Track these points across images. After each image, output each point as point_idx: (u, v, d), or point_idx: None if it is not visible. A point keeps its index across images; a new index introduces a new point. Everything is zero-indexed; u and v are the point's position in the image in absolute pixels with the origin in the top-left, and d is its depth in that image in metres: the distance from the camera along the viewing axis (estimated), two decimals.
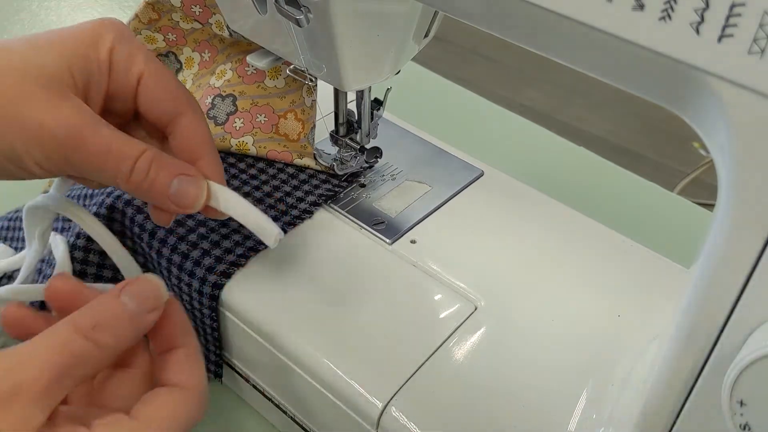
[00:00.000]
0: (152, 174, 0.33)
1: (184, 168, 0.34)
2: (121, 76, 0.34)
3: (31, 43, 0.33)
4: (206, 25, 0.47)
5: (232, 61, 0.47)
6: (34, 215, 0.38)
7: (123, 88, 0.34)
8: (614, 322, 0.40)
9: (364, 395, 0.36)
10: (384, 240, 0.44)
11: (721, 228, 0.23)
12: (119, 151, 0.33)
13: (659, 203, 0.60)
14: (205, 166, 0.35)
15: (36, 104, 0.31)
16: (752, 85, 0.20)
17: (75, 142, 0.32)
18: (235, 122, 0.47)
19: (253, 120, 0.47)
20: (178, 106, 0.35)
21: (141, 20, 0.47)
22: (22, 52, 0.32)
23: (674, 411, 0.28)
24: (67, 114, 0.32)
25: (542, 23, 0.25)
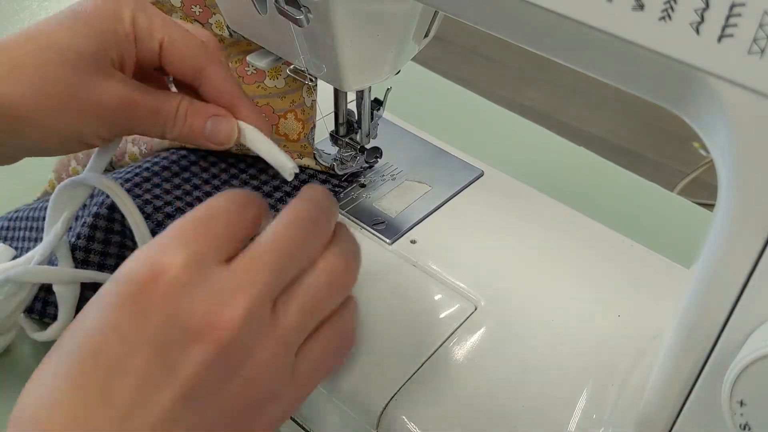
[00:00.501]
0: (189, 120, 0.37)
1: (215, 110, 0.38)
2: (146, 43, 0.37)
3: (63, 26, 0.36)
4: (206, 25, 0.47)
5: (232, 61, 0.47)
6: (64, 196, 0.41)
7: (148, 52, 0.37)
8: (614, 322, 0.40)
9: (364, 395, 0.36)
10: (384, 240, 0.44)
11: (721, 228, 0.23)
12: (162, 108, 0.37)
13: (659, 203, 0.60)
14: (240, 109, 0.38)
15: (91, 87, 0.35)
16: (752, 85, 0.20)
17: (128, 111, 0.36)
18: None
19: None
20: (200, 61, 0.38)
21: None
22: (61, 37, 0.35)
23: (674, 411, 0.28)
24: (117, 88, 0.36)
25: (542, 23, 0.25)
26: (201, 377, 0.27)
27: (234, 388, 0.29)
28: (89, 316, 0.28)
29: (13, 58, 0.35)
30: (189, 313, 0.28)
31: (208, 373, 0.28)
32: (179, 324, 0.28)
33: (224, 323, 0.28)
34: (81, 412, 0.26)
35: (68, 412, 0.26)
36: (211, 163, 0.47)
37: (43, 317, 0.43)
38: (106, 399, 0.26)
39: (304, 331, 0.32)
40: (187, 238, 0.29)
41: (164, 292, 0.28)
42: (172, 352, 0.27)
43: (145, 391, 0.27)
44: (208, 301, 0.28)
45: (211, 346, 0.28)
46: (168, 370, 0.27)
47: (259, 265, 0.30)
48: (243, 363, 0.29)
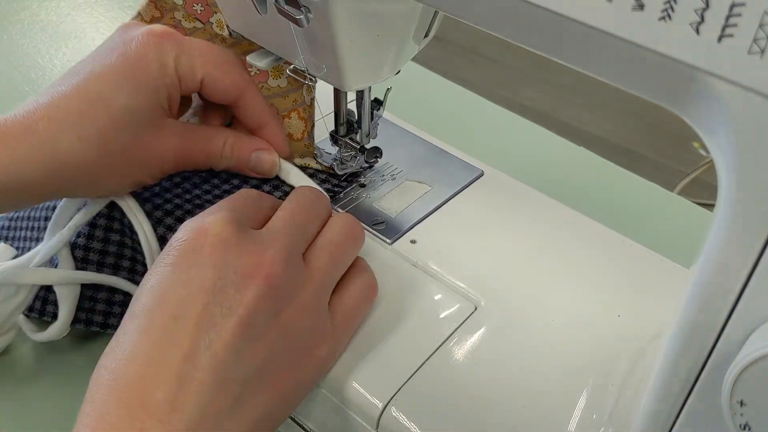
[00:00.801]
0: (235, 154, 0.43)
1: (258, 143, 0.44)
2: (189, 84, 0.41)
3: (110, 82, 0.39)
4: (207, 24, 0.47)
5: None
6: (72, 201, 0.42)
7: (191, 89, 0.42)
8: (614, 322, 0.40)
9: (364, 395, 0.36)
10: (384, 240, 0.44)
11: (721, 228, 0.23)
12: (211, 148, 0.43)
13: (659, 203, 0.60)
14: (269, 132, 0.44)
15: (147, 144, 0.40)
16: (752, 85, 0.20)
17: (183, 157, 0.42)
18: None
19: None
20: (237, 91, 0.42)
21: (143, 18, 0.47)
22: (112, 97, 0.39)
23: (674, 411, 0.28)
24: (172, 141, 0.41)
25: (542, 23, 0.25)
26: (256, 310, 0.32)
27: (285, 322, 0.33)
28: (151, 278, 0.33)
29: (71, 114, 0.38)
30: (237, 260, 0.33)
31: (261, 306, 0.32)
32: (231, 269, 0.32)
33: (269, 264, 0.33)
34: (155, 354, 0.31)
35: (143, 358, 0.30)
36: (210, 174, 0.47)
37: (43, 316, 0.43)
38: (173, 340, 0.31)
39: (334, 275, 0.37)
40: (221, 207, 0.36)
41: (212, 245, 0.33)
42: (228, 292, 0.32)
43: (208, 329, 0.31)
44: (251, 250, 0.33)
45: (261, 282, 0.32)
46: (226, 308, 0.31)
47: (279, 227, 0.36)
48: (290, 300, 0.34)
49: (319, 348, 0.36)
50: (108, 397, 0.30)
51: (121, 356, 0.31)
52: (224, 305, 0.32)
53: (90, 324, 0.44)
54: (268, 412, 0.33)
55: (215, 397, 0.31)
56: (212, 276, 0.32)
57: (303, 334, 0.35)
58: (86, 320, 0.44)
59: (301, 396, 0.36)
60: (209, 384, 0.31)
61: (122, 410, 0.30)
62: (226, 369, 0.31)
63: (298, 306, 0.34)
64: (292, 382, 0.34)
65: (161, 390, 0.30)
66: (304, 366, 0.35)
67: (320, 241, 0.38)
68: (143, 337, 0.31)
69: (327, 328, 0.36)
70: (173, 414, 0.30)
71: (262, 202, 0.39)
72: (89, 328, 0.44)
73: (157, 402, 0.30)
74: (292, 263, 0.35)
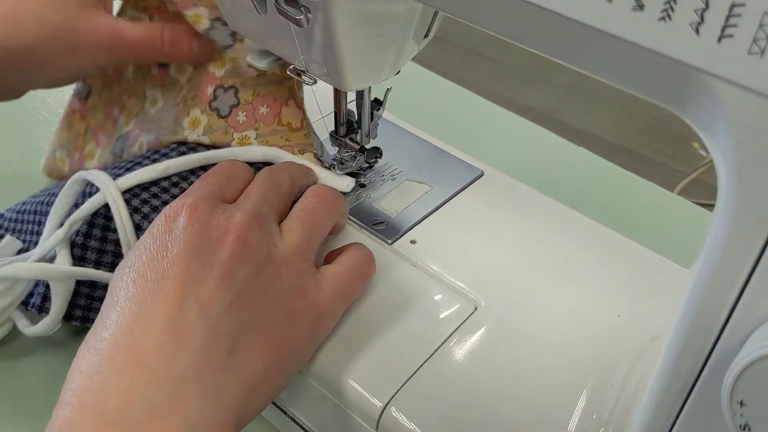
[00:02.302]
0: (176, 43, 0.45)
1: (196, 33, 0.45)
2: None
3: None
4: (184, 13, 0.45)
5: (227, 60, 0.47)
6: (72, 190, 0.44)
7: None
8: (614, 322, 0.40)
9: (364, 395, 0.36)
10: (384, 240, 0.44)
11: (721, 228, 0.23)
12: (148, 36, 0.45)
13: (659, 203, 0.60)
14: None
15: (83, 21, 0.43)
16: (752, 85, 0.20)
17: (118, 40, 0.44)
18: (238, 115, 0.47)
19: (255, 113, 0.47)
20: None
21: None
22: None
23: (674, 411, 0.28)
24: (106, 20, 0.44)
25: (542, 23, 0.25)
26: (233, 264, 0.34)
27: (266, 280, 0.35)
28: (131, 256, 0.35)
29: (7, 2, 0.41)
30: (211, 227, 0.35)
31: (238, 262, 0.34)
32: (206, 235, 0.35)
33: (238, 225, 0.35)
34: (142, 312, 0.32)
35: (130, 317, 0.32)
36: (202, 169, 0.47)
37: (41, 312, 0.43)
38: (159, 298, 0.32)
39: (309, 240, 0.39)
40: (194, 188, 0.39)
41: (188, 218, 0.35)
42: (205, 254, 0.34)
43: (192, 285, 0.33)
44: (222, 218, 0.36)
45: (233, 242, 0.35)
46: (207, 267, 0.33)
47: (251, 198, 0.38)
48: (267, 259, 0.35)
49: (307, 312, 0.36)
50: (95, 358, 0.30)
51: (108, 322, 0.32)
52: (204, 265, 0.33)
53: (86, 321, 0.44)
54: (263, 374, 0.33)
55: (207, 348, 0.31)
56: (188, 243, 0.34)
57: (286, 295, 0.35)
58: (83, 317, 0.44)
59: (296, 362, 0.36)
60: (200, 334, 0.31)
61: (110, 366, 0.30)
62: (215, 320, 0.32)
63: (277, 265, 0.36)
64: (284, 343, 0.35)
65: (151, 341, 0.31)
66: (295, 328, 0.35)
67: (294, 209, 0.40)
68: (129, 302, 0.32)
69: (313, 293, 0.37)
70: (165, 363, 0.30)
71: (237, 175, 0.41)
72: (86, 325, 0.44)
73: (148, 352, 0.30)
74: (264, 225, 0.37)
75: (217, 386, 0.31)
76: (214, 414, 0.30)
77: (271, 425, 0.43)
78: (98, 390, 0.29)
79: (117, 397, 0.29)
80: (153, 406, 0.29)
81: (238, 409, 0.32)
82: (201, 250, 0.34)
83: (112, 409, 0.29)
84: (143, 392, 0.29)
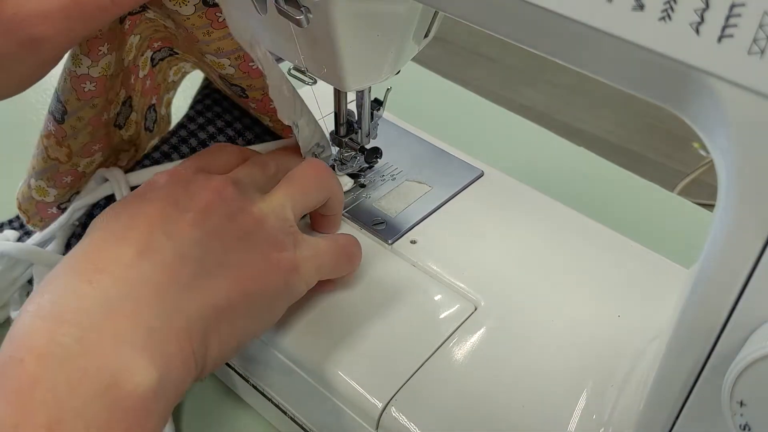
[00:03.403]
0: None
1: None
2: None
3: None
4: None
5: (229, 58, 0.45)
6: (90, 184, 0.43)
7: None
8: (614, 322, 0.40)
9: (364, 395, 0.36)
10: (384, 240, 0.44)
11: (721, 228, 0.23)
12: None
13: (659, 203, 0.60)
14: None
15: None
16: (752, 85, 0.20)
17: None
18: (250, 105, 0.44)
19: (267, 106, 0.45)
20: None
21: None
22: None
23: (674, 411, 0.28)
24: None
25: (542, 23, 0.25)
26: (209, 209, 0.34)
27: (240, 227, 0.35)
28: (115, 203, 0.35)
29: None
30: (191, 184, 0.35)
31: (214, 208, 0.34)
32: (185, 188, 0.35)
33: (218, 183, 0.36)
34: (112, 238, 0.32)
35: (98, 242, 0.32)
36: None
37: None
38: (132, 228, 0.33)
39: (293, 202, 0.38)
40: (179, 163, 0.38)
41: (170, 177, 0.36)
42: (182, 201, 0.34)
43: (165, 223, 0.33)
44: (203, 178, 0.36)
45: (210, 194, 0.35)
46: (181, 210, 0.34)
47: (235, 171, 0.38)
48: (242, 211, 0.35)
49: (282, 261, 0.36)
50: (59, 270, 0.31)
51: (80, 244, 0.32)
52: (179, 208, 0.34)
53: None
54: (228, 306, 0.33)
55: (173, 267, 0.32)
56: (167, 193, 0.35)
57: (261, 244, 0.35)
58: None
59: (267, 310, 0.36)
60: (167, 255, 0.32)
61: (72, 273, 0.30)
62: (183, 248, 0.32)
63: (254, 218, 0.36)
64: (252, 284, 0.34)
65: (116, 254, 0.31)
66: (266, 275, 0.35)
67: (283, 179, 0.39)
68: (102, 229, 0.33)
69: (290, 249, 0.36)
70: (126, 270, 0.30)
71: (224, 154, 0.41)
72: None
73: (111, 261, 0.31)
74: (243, 188, 0.37)
75: (177, 303, 0.31)
76: (172, 329, 0.30)
77: (272, 425, 0.43)
78: (55, 294, 0.30)
79: (72, 299, 0.29)
80: (106, 308, 0.29)
81: (198, 334, 0.31)
82: (178, 197, 0.34)
83: (67, 311, 0.29)
84: (101, 293, 0.30)
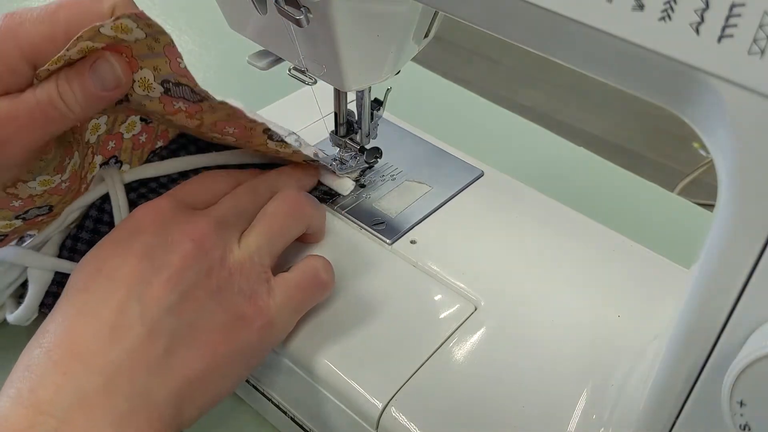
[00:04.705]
0: (77, 88, 0.33)
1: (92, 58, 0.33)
2: None
3: None
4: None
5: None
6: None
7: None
8: (614, 322, 0.40)
9: (364, 395, 0.36)
10: (384, 240, 0.44)
11: (721, 228, 0.23)
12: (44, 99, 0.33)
13: (659, 203, 0.60)
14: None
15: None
16: (752, 85, 0.20)
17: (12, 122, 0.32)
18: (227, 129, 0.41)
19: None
20: None
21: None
22: None
23: (674, 411, 0.28)
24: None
25: (542, 23, 0.25)
26: (184, 266, 0.34)
27: (216, 284, 0.35)
28: (97, 246, 0.36)
29: None
30: (171, 229, 0.35)
31: (189, 264, 0.34)
32: (161, 237, 0.35)
33: (197, 229, 0.36)
34: (86, 308, 0.33)
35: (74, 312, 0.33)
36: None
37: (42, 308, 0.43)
38: (105, 296, 0.33)
39: (269, 246, 0.38)
40: (166, 194, 0.39)
41: (149, 220, 0.36)
42: (158, 254, 0.34)
43: (138, 284, 0.33)
44: (183, 221, 0.36)
45: (188, 244, 0.35)
46: (156, 267, 0.34)
47: (219, 206, 0.39)
48: (221, 263, 0.36)
49: (255, 319, 0.36)
50: (36, 350, 0.32)
51: (56, 315, 0.33)
52: (154, 264, 0.34)
53: None
54: (200, 376, 0.33)
55: (144, 346, 0.32)
56: (144, 244, 0.35)
57: (235, 299, 0.35)
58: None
59: (242, 367, 0.36)
60: (138, 332, 0.32)
61: (48, 358, 0.31)
62: (155, 320, 0.33)
63: (230, 269, 0.36)
64: (225, 347, 0.34)
65: (89, 337, 0.32)
66: (240, 334, 0.35)
67: (259, 215, 0.39)
68: (78, 296, 0.34)
69: (263, 300, 0.36)
70: (99, 358, 0.31)
71: (214, 184, 0.41)
72: None
73: (84, 346, 0.32)
74: (224, 232, 0.37)
75: (148, 384, 0.32)
76: (143, 410, 0.31)
77: (272, 425, 0.43)
78: (34, 381, 0.31)
79: (51, 388, 0.30)
80: (83, 398, 0.30)
81: (171, 408, 0.32)
82: (156, 250, 0.34)
83: (45, 400, 0.30)
84: (75, 384, 0.30)
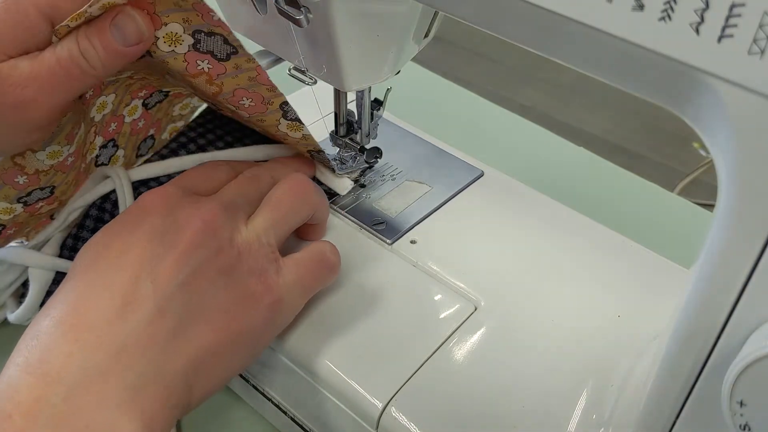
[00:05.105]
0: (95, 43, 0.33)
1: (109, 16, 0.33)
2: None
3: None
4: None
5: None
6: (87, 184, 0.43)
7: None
8: (614, 322, 0.40)
9: (364, 395, 0.36)
10: (384, 240, 0.44)
11: (721, 228, 0.23)
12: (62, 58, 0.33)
13: (659, 203, 0.60)
14: None
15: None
16: (752, 85, 0.20)
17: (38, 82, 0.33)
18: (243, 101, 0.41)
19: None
20: None
21: None
22: None
23: (674, 411, 0.28)
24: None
25: (542, 23, 0.25)
26: (194, 244, 0.34)
27: (225, 262, 0.35)
28: (102, 230, 0.36)
29: None
30: (179, 212, 0.36)
31: (199, 243, 0.35)
32: (170, 219, 0.35)
33: (205, 211, 0.36)
34: (98, 281, 0.33)
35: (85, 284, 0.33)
36: None
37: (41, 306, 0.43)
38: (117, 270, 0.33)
39: (274, 224, 0.38)
40: (170, 182, 0.39)
41: (155, 205, 0.36)
42: (168, 233, 0.35)
43: (150, 260, 0.33)
44: (191, 205, 0.36)
45: (198, 224, 0.35)
46: (167, 245, 0.34)
47: (225, 191, 0.39)
48: (230, 242, 0.36)
49: (264, 297, 0.36)
50: (46, 321, 0.31)
51: (65, 288, 0.33)
52: (165, 242, 0.34)
53: None
54: (211, 352, 0.34)
55: (156, 321, 0.32)
56: (154, 224, 0.35)
57: (244, 278, 0.36)
58: None
59: (251, 346, 0.36)
60: (150, 307, 0.32)
61: (58, 327, 0.31)
62: (167, 296, 0.33)
63: (239, 249, 0.36)
64: (236, 324, 0.35)
65: (101, 307, 0.32)
66: (250, 311, 0.35)
67: (265, 199, 0.40)
68: (88, 271, 0.33)
69: (272, 279, 0.37)
70: (110, 329, 0.31)
71: (216, 173, 0.41)
72: None
73: (96, 317, 0.31)
74: (231, 214, 0.37)
75: (160, 359, 0.32)
76: (152, 385, 0.31)
77: (272, 425, 0.43)
78: (43, 350, 0.30)
79: (60, 357, 0.30)
80: (93, 368, 0.30)
81: (181, 384, 0.32)
82: (166, 230, 0.35)
83: (54, 369, 0.30)
84: (85, 354, 0.30)
